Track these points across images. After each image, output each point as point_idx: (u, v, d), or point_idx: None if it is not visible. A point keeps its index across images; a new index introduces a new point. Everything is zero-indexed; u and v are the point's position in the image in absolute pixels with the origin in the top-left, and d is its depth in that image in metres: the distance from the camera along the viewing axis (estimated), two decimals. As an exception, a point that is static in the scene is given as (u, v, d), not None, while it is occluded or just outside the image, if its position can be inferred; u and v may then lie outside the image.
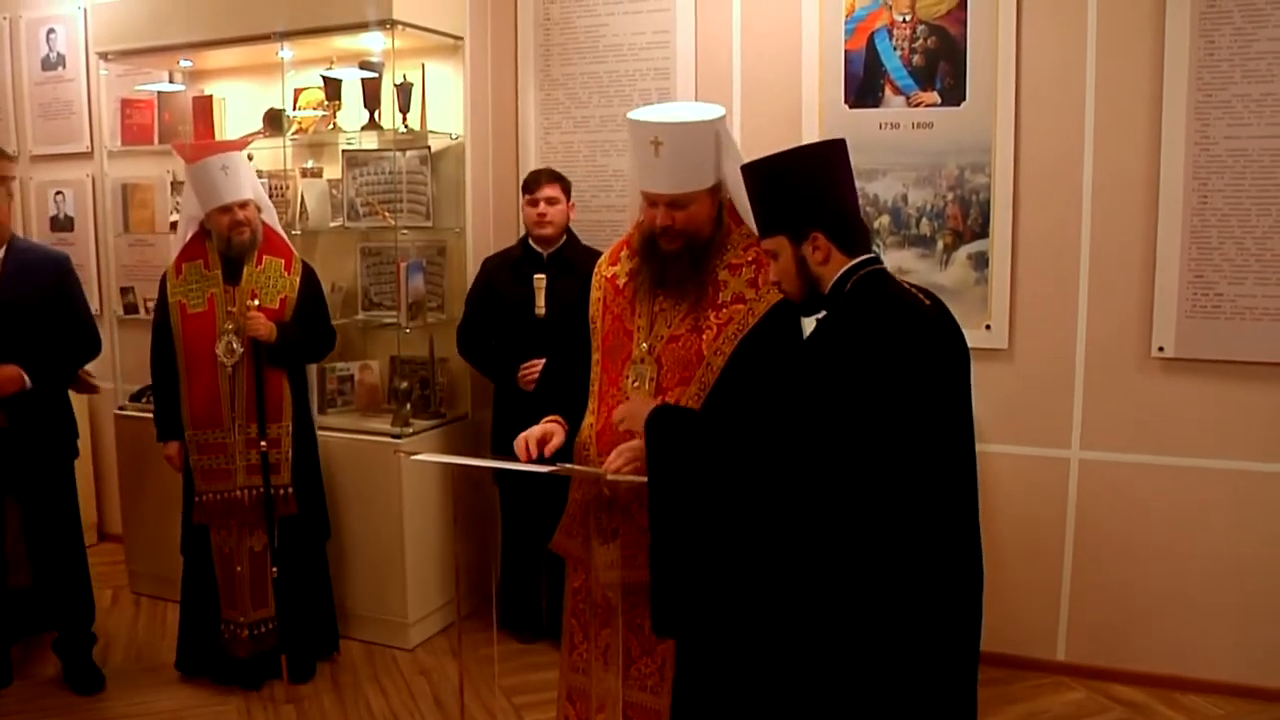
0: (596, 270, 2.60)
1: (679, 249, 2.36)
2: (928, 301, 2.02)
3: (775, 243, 2.09)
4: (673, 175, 2.32)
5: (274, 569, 3.51)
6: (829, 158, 2.08)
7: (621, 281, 2.51)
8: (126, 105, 4.60)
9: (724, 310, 2.37)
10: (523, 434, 2.42)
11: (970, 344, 2.11)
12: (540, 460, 2.37)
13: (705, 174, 2.34)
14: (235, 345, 3.45)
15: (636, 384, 2.38)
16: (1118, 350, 3.57)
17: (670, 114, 2.36)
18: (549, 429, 2.43)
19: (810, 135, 3.78)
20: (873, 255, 2.07)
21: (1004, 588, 3.62)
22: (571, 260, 3.85)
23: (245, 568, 3.52)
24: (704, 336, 2.35)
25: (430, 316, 4.19)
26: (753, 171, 2.13)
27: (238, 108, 4.57)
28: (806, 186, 2.04)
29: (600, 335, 2.50)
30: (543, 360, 3.45)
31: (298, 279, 3.60)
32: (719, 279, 2.39)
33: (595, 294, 2.56)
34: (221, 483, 3.50)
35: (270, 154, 4.17)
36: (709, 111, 2.37)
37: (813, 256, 2.04)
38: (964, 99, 3.65)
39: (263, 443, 3.46)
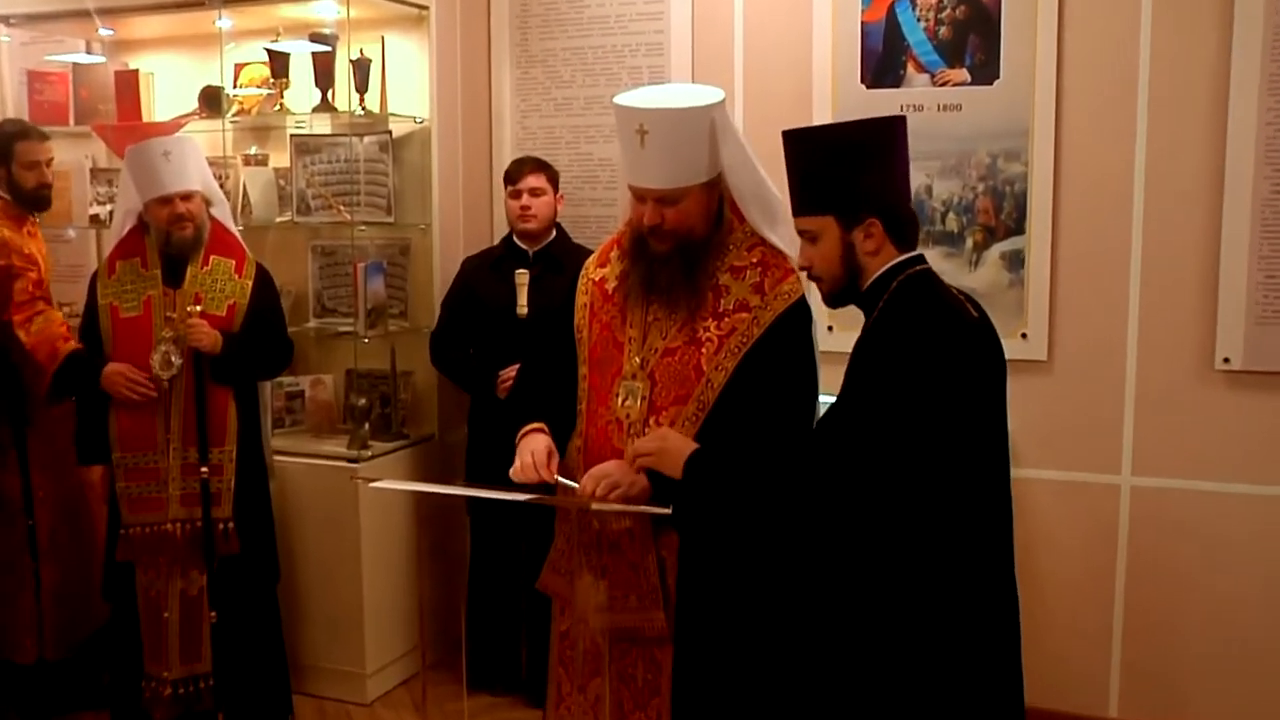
0: (583, 272, 2.60)
1: (670, 250, 2.37)
2: (975, 314, 2.06)
3: (819, 223, 2.10)
4: (661, 168, 2.32)
5: (213, 614, 3.47)
6: (892, 136, 2.10)
7: (610, 286, 2.51)
8: (35, 79, 4.56)
9: (725, 320, 2.36)
10: (520, 463, 2.38)
11: (1003, 354, 2.15)
12: (524, 488, 2.36)
13: (699, 166, 2.34)
14: (173, 357, 3.43)
15: (628, 402, 2.38)
16: (1175, 362, 3.58)
17: (659, 99, 2.36)
18: (546, 444, 2.41)
19: (822, 119, 3.78)
20: (919, 253, 2.10)
21: (1048, 633, 3.62)
22: (560, 258, 3.86)
23: (174, 614, 3.47)
24: (703, 350, 2.35)
25: (392, 324, 4.21)
26: (803, 140, 2.13)
27: (168, 85, 4.58)
28: (869, 164, 2.06)
29: (588, 346, 2.50)
30: (521, 364, 3.48)
31: (250, 283, 3.58)
32: (719, 283, 2.39)
33: (581, 299, 2.56)
34: (152, 513, 3.46)
35: (207, 138, 4.15)
36: (704, 95, 2.37)
37: (863, 245, 2.07)
38: (997, 77, 3.67)
39: (203, 469, 3.44)
